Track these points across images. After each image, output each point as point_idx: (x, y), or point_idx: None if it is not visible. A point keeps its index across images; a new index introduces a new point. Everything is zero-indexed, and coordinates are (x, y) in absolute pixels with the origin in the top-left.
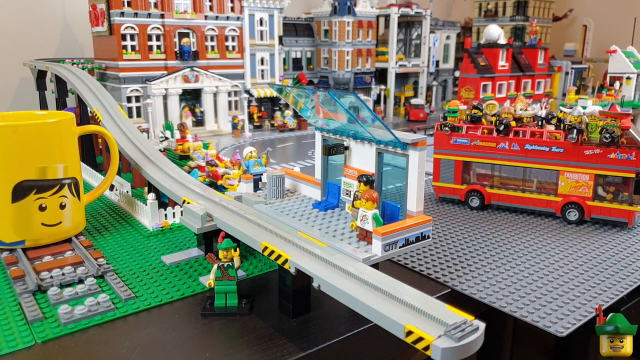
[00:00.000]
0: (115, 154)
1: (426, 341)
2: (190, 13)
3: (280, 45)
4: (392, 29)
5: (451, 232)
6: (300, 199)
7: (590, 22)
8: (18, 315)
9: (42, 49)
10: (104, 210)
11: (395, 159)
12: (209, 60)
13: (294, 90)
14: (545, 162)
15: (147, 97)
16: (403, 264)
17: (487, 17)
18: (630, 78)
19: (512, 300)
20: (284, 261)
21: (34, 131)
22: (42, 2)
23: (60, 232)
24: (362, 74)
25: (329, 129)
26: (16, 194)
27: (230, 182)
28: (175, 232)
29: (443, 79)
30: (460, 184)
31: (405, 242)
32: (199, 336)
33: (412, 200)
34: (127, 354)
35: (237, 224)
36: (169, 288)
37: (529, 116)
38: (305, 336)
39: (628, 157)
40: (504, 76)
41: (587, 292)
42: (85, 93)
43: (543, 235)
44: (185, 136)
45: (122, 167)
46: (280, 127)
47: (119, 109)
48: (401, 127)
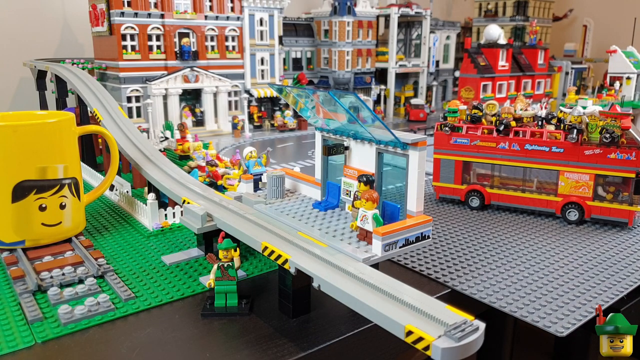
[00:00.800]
0: (115, 154)
1: (426, 341)
2: (190, 13)
3: (280, 45)
4: (392, 29)
5: (451, 232)
6: (300, 199)
7: (590, 22)
8: (18, 315)
9: (42, 49)
10: (104, 210)
11: (395, 159)
12: (209, 60)
13: (294, 90)
14: (545, 162)
15: (147, 97)
16: (403, 264)
17: (487, 17)
18: (630, 78)
19: (512, 300)
20: (284, 261)
21: (34, 131)
22: (42, 2)
23: (60, 232)
24: (362, 74)
25: (329, 129)
26: (16, 194)
27: (230, 182)
28: (175, 232)
29: (443, 79)
30: (460, 184)
31: (405, 242)
32: (199, 336)
33: (412, 200)
34: (127, 354)
35: (237, 224)
36: (169, 288)
37: (529, 116)
38: (305, 336)
39: (628, 157)
40: (504, 76)
41: (587, 292)
42: (85, 93)
43: (543, 235)
44: (185, 136)
45: (122, 167)
46: (280, 127)
47: (119, 109)
48: (401, 127)
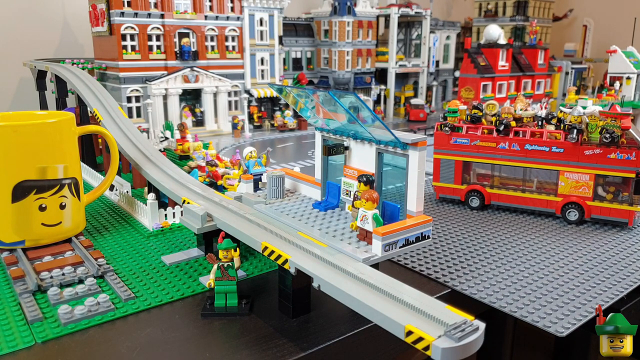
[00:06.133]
0: (115, 154)
1: (426, 341)
2: (190, 13)
3: (280, 45)
4: (392, 29)
5: (451, 232)
6: (300, 199)
7: (590, 22)
8: (18, 315)
9: (42, 49)
10: (104, 210)
11: (395, 159)
12: (209, 60)
13: (294, 90)
14: (545, 162)
15: (147, 97)
16: (403, 264)
17: (487, 17)
18: (630, 78)
19: (512, 300)
20: (284, 261)
21: (34, 131)
22: (42, 2)
23: (60, 232)
24: (362, 74)
25: (329, 129)
26: (16, 194)
27: (230, 182)
28: (175, 232)
29: (443, 79)
30: (460, 184)
31: (405, 242)
32: (199, 336)
33: (412, 200)
34: (127, 354)
35: (237, 224)
36: (169, 288)
37: (529, 116)
38: (305, 336)
39: (628, 157)
40: (504, 76)
41: (587, 292)
42: (85, 93)
43: (543, 235)
44: (185, 136)
45: (122, 167)
46: (280, 127)
47: (119, 109)
48: (401, 127)
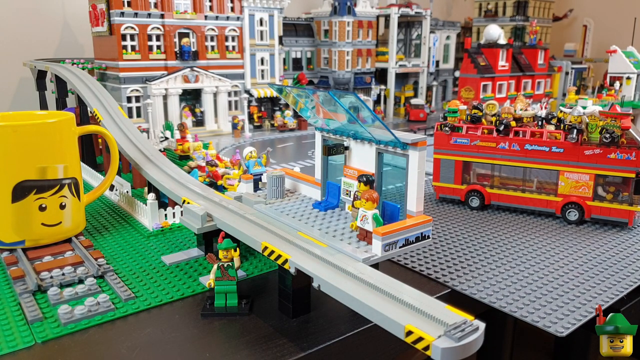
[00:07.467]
0: (115, 154)
1: (426, 341)
2: (190, 13)
3: (280, 45)
4: (392, 29)
5: (451, 232)
6: (300, 199)
7: (590, 22)
8: (18, 315)
9: (42, 49)
10: (104, 210)
11: (395, 159)
12: (209, 60)
13: (294, 90)
14: (545, 162)
15: (147, 97)
16: (403, 264)
17: (487, 17)
18: (630, 78)
19: (512, 300)
20: (284, 261)
21: (34, 131)
22: (42, 2)
23: (60, 232)
24: (362, 74)
25: (329, 129)
26: (16, 194)
27: (230, 182)
28: (175, 232)
29: (443, 79)
30: (460, 184)
31: (405, 242)
32: (199, 336)
33: (412, 200)
34: (127, 354)
35: (237, 224)
36: (169, 288)
37: (529, 116)
38: (305, 336)
39: (628, 157)
40: (504, 76)
41: (587, 292)
42: (85, 93)
43: (543, 235)
44: (185, 136)
45: (122, 167)
46: (280, 127)
47: (119, 109)
48: (401, 127)
